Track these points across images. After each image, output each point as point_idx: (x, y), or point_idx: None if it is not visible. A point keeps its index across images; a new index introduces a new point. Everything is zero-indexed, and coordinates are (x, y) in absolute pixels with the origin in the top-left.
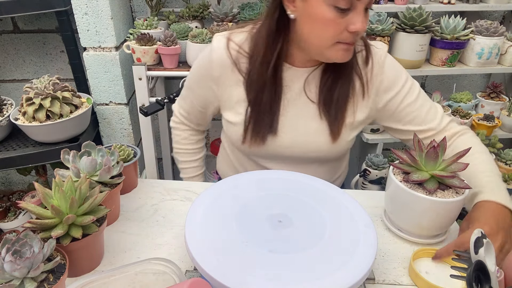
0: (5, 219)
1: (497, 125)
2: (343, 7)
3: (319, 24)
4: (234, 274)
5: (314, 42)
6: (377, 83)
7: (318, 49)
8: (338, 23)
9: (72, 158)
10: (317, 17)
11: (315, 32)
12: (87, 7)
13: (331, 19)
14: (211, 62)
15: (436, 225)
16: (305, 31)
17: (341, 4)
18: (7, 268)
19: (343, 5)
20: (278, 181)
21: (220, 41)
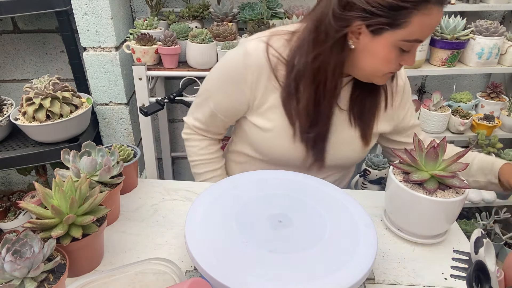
0: (5, 219)
1: (497, 125)
2: (406, 49)
3: (379, 60)
4: (234, 274)
5: (366, 72)
6: (399, 99)
7: (366, 76)
8: (395, 61)
9: (72, 158)
10: (378, 55)
11: (372, 66)
12: (87, 7)
13: (392, 58)
14: (247, 66)
15: (436, 225)
16: (361, 62)
17: (406, 47)
18: (7, 268)
19: (407, 48)
20: (278, 181)
21: (258, 46)
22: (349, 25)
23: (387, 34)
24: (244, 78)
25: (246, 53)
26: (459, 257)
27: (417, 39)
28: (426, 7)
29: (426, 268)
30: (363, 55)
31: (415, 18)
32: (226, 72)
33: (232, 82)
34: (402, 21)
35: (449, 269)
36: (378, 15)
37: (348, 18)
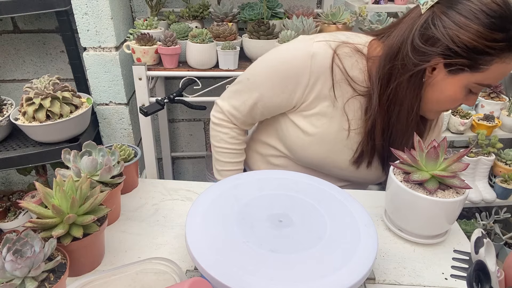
0: (5, 219)
1: (497, 125)
2: (474, 91)
3: (445, 98)
4: (235, 273)
5: (430, 106)
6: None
7: (425, 109)
8: (461, 100)
9: (73, 158)
10: (447, 93)
11: (437, 102)
12: (87, 7)
13: (459, 98)
14: (308, 68)
15: (436, 225)
16: (428, 96)
17: (475, 90)
18: (8, 268)
19: (476, 90)
20: (278, 181)
21: (325, 51)
22: (429, 60)
23: (463, 75)
24: (300, 78)
25: (312, 54)
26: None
27: (490, 84)
28: (508, 56)
29: (426, 268)
30: (431, 90)
31: (495, 64)
32: (282, 67)
33: (285, 78)
34: (483, 66)
35: (449, 269)
36: (460, 55)
37: (429, 53)
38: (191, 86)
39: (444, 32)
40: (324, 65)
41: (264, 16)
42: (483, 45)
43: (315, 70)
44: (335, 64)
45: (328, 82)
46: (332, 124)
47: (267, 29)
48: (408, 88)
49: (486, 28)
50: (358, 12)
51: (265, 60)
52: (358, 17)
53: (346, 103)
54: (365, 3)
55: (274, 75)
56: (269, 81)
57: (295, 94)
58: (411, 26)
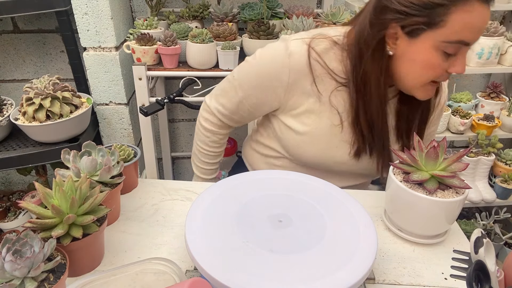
0: (5, 219)
1: (497, 125)
2: (450, 52)
3: (421, 67)
4: (234, 273)
5: (408, 81)
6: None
7: (408, 87)
8: (440, 67)
9: (73, 158)
10: (420, 60)
11: (413, 73)
12: (87, 7)
13: (435, 63)
14: (285, 67)
15: (436, 225)
16: (402, 70)
17: (450, 50)
18: (7, 268)
19: (451, 51)
20: (278, 181)
21: (301, 48)
22: (384, 28)
23: (425, 35)
24: (280, 77)
25: (290, 52)
26: (459, 257)
27: (460, 40)
28: (466, 2)
29: (426, 268)
30: (402, 62)
31: (454, 15)
32: (263, 67)
33: (266, 78)
34: (439, 20)
35: (449, 269)
36: (412, 14)
37: (383, 22)
38: (191, 86)
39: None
40: (301, 62)
41: (264, 16)
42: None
43: (293, 68)
44: (313, 59)
45: (309, 77)
46: (322, 119)
47: (267, 29)
48: (373, 63)
49: None
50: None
51: (249, 60)
52: None
53: (331, 96)
54: (365, 3)
55: (256, 76)
56: (252, 81)
57: (276, 93)
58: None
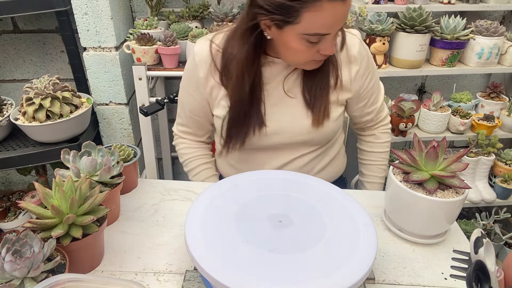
0: (5, 219)
1: (497, 125)
2: (313, 41)
3: (293, 51)
4: (234, 274)
5: (288, 60)
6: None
7: (293, 63)
8: (309, 51)
9: (72, 158)
10: (290, 46)
11: (289, 55)
12: (87, 7)
13: (303, 49)
14: (195, 65)
15: (436, 225)
16: (281, 52)
17: (312, 39)
18: (7, 268)
19: (314, 40)
20: (278, 181)
21: (203, 44)
22: (255, 19)
23: (288, 28)
24: (196, 77)
25: (194, 53)
26: (459, 257)
27: (317, 33)
28: (314, 4)
29: (426, 268)
30: (279, 45)
31: (305, 14)
32: (185, 76)
33: (190, 83)
34: (293, 18)
35: (449, 269)
36: (272, 12)
37: (253, 14)
38: None
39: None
40: (204, 56)
41: None
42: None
43: (200, 63)
44: (214, 50)
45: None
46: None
47: None
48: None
49: None
50: (358, 12)
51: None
52: (358, 17)
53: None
54: (365, 3)
55: (184, 86)
56: (184, 92)
57: (200, 90)
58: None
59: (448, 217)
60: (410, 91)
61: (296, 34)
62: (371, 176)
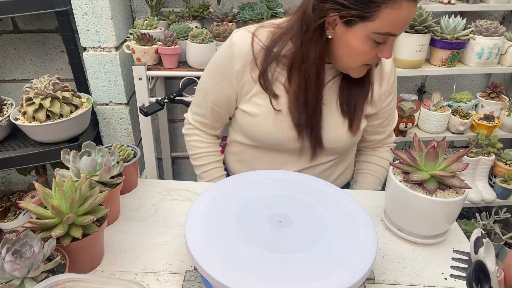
0: (5, 219)
1: (497, 125)
2: (379, 41)
3: (354, 52)
4: (234, 274)
5: (343, 62)
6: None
7: (344, 67)
8: (370, 53)
9: (72, 158)
10: (353, 46)
11: (348, 56)
12: (87, 7)
13: (366, 50)
14: (232, 57)
15: (436, 225)
16: (338, 53)
17: (379, 40)
18: (7, 268)
19: (380, 40)
20: (278, 181)
21: (244, 36)
22: (325, 16)
23: (359, 26)
24: (230, 68)
25: (232, 43)
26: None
27: (388, 32)
28: (395, 1)
29: (426, 268)
30: (339, 45)
31: (384, 11)
32: (215, 64)
33: (220, 73)
34: (371, 14)
35: (449, 269)
36: (348, 7)
37: (324, 10)
38: (191, 86)
39: None
40: (244, 49)
41: (264, 16)
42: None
43: (238, 55)
44: (256, 44)
45: (254, 62)
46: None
47: None
48: (311, 44)
49: None
50: None
51: (207, 65)
52: None
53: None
54: None
55: (213, 74)
56: (211, 81)
57: (231, 84)
58: None
59: (448, 217)
60: (410, 91)
61: (366, 32)
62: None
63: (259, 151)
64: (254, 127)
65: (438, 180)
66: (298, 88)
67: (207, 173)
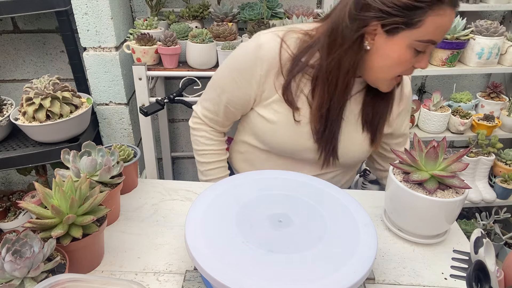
0: (5, 219)
1: (497, 125)
2: (420, 50)
3: (393, 62)
4: (234, 274)
5: (378, 74)
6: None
7: (377, 79)
8: (409, 62)
9: (72, 158)
10: (392, 55)
11: (385, 67)
12: (87, 7)
13: (406, 59)
14: (257, 60)
15: (436, 225)
16: (374, 63)
17: (420, 48)
18: (7, 268)
19: (421, 49)
20: (278, 181)
21: (272, 40)
22: (366, 25)
23: (402, 34)
24: (253, 71)
25: (259, 45)
26: (459, 257)
27: (431, 39)
28: (440, 7)
29: (426, 268)
30: (377, 56)
31: (429, 18)
32: (237, 62)
33: (241, 74)
34: (417, 21)
35: (449, 269)
36: (393, 15)
37: (365, 19)
38: (191, 86)
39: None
40: (272, 53)
41: (264, 16)
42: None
43: (264, 59)
44: (284, 51)
45: (279, 70)
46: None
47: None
48: (348, 56)
49: None
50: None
51: (226, 60)
52: None
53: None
54: None
55: (232, 71)
56: (229, 78)
57: (252, 87)
58: (345, 2)
59: (448, 217)
60: None
61: (409, 40)
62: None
63: (269, 155)
64: (270, 133)
65: (438, 180)
66: (321, 100)
67: (211, 171)
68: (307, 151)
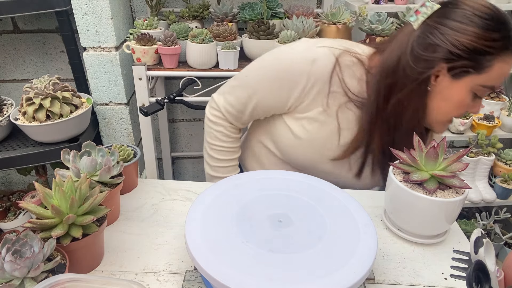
0: (5, 219)
1: (497, 125)
2: (479, 95)
3: (452, 105)
4: (234, 274)
5: (436, 116)
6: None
7: (434, 121)
8: (467, 106)
9: (72, 158)
10: (453, 99)
11: (445, 110)
12: (87, 7)
13: (467, 104)
14: (307, 72)
15: (436, 225)
16: (434, 106)
17: (480, 93)
18: (7, 268)
19: (481, 94)
20: (278, 181)
21: (328, 58)
22: (433, 67)
23: (468, 78)
24: (298, 81)
25: (313, 59)
26: (459, 257)
27: (493, 85)
28: (507, 54)
29: (426, 268)
30: (438, 99)
31: (496, 64)
32: (280, 69)
33: (282, 79)
34: (485, 66)
35: (449, 269)
36: (463, 57)
37: (432, 60)
38: (191, 86)
39: (443, 38)
40: (324, 71)
41: (264, 16)
42: (482, 45)
43: (314, 75)
44: (335, 73)
45: (325, 88)
46: (323, 129)
47: (267, 29)
48: (412, 99)
49: (482, 29)
50: (358, 12)
51: (265, 59)
52: (358, 17)
53: (339, 111)
54: (365, 3)
55: (272, 75)
56: (265, 81)
57: (291, 96)
58: (407, 40)
59: (448, 217)
60: None
61: (472, 85)
62: None
63: (284, 163)
64: (292, 146)
65: (438, 180)
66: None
67: (221, 168)
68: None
